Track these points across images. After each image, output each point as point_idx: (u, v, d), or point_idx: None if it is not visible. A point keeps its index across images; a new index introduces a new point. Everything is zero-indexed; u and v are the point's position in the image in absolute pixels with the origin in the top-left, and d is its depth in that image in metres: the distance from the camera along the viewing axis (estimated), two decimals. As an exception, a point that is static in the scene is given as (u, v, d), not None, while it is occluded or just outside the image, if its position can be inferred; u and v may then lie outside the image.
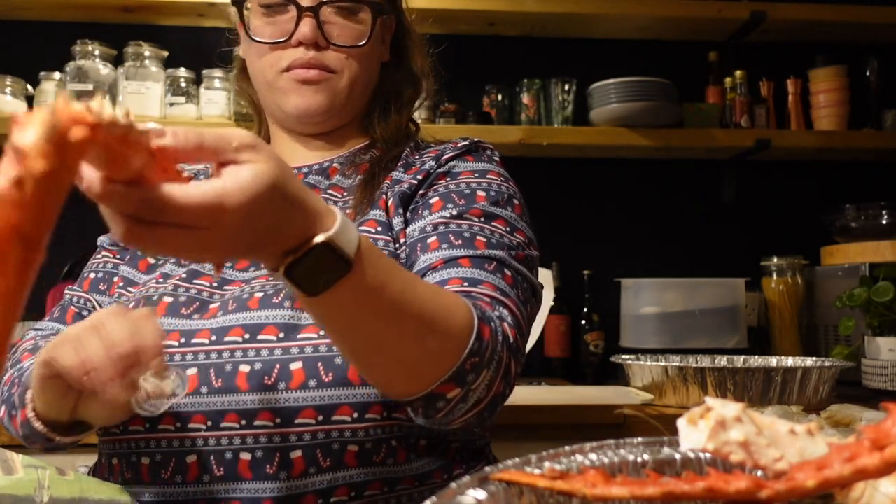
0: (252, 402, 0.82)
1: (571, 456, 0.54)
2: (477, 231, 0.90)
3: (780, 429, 0.42)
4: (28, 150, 0.39)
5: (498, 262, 0.88)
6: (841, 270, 2.13)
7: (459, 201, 0.93)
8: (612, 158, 2.46)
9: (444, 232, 0.90)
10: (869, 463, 0.36)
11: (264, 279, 0.90)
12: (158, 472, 0.83)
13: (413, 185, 0.97)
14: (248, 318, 0.85)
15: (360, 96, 1.04)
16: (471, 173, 0.98)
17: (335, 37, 0.98)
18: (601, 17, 2.32)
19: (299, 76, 0.98)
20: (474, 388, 0.76)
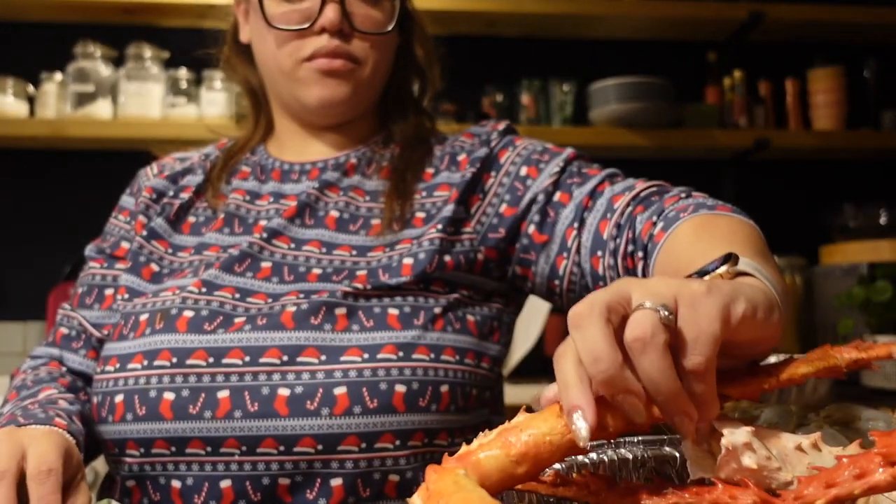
0: (292, 428, 0.77)
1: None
2: (582, 166, 0.95)
3: (787, 445, 0.41)
4: None
5: (618, 175, 0.95)
6: (839, 270, 2.13)
7: (543, 157, 0.96)
8: (611, 158, 2.44)
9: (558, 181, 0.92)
10: (881, 480, 0.36)
11: (294, 295, 0.85)
12: (191, 497, 0.79)
13: (474, 173, 0.94)
14: (284, 338, 0.80)
15: (380, 85, 0.99)
16: (525, 147, 0.99)
17: (360, 23, 0.92)
18: (600, 17, 2.32)
19: (323, 66, 0.91)
20: None
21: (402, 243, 0.89)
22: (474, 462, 0.42)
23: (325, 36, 0.91)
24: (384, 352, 0.80)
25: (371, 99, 0.99)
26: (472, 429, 0.86)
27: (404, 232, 0.91)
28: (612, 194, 0.88)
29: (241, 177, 1.01)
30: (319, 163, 0.99)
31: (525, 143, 0.99)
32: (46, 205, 2.32)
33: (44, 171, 2.33)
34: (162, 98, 2.18)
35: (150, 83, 2.16)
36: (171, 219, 0.97)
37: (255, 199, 0.97)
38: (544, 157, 0.95)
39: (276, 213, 0.95)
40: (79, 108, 2.15)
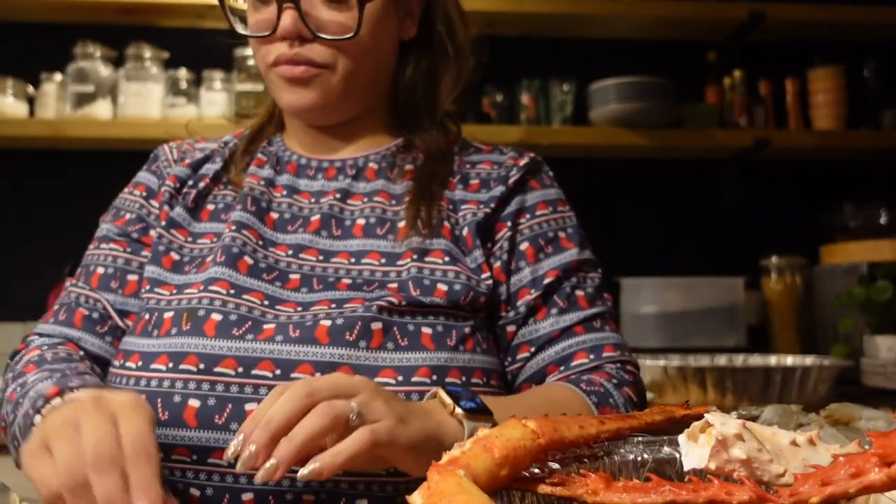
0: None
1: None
2: (576, 285, 0.96)
3: (781, 441, 0.42)
4: None
5: (600, 316, 0.96)
6: (840, 269, 2.13)
7: (547, 249, 0.96)
8: (611, 158, 2.46)
9: (549, 294, 0.94)
10: (876, 479, 0.36)
11: (325, 304, 0.84)
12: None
13: (487, 213, 0.94)
14: (318, 353, 0.79)
15: (367, 88, 0.95)
16: (544, 206, 0.99)
17: (322, 27, 0.88)
18: (600, 17, 2.32)
19: (285, 73, 0.90)
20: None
21: (432, 255, 0.89)
22: (465, 466, 0.43)
23: (287, 42, 0.89)
24: (418, 375, 0.80)
25: (361, 99, 0.96)
26: None
27: (434, 242, 0.90)
28: (577, 350, 0.93)
29: (258, 164, 0.99)
30: (337, 161, 0.97)
31: (544, 201, 1.00)
32: (46, 205, 2.32)
33: (43, 171, 2.33)
34: (161, 98, 2.18)
35: (149, 83, 2.16)
36: (189, 207, 0.95)
37: (269, 186, 0.96)
38: (548, 248, 0.96)
39: (287, 207, 0.94)
40: (78, 108, 2.15)
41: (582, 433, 0.53)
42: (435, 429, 0.68)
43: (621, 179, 2.49)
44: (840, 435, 0.99)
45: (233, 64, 2.24)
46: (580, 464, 0.54)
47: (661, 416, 0.63)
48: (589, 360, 0.91)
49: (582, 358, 0.91)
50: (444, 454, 0.46)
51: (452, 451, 0.46)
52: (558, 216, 1.00)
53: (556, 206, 1.00)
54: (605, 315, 0.97)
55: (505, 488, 0.49)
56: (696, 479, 0.43)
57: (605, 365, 0.92)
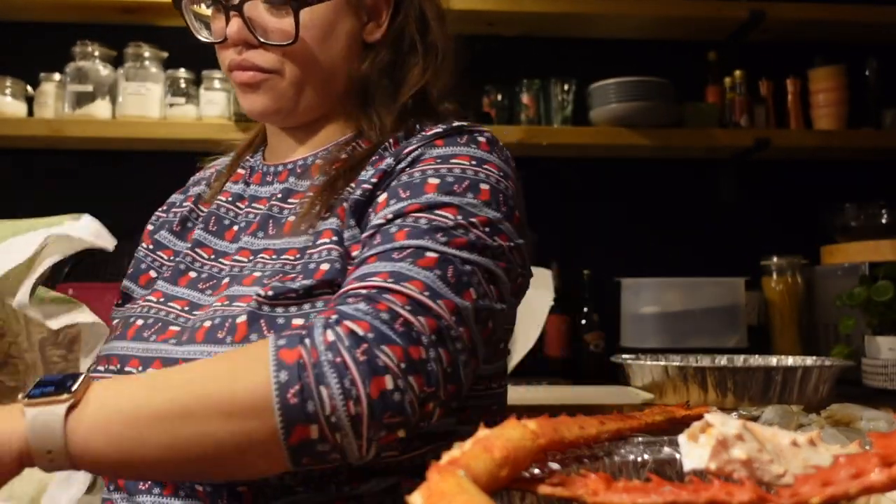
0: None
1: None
2: (404, 224, 0.79)
3: (781, 441, 0.42)
4: None
5: (415, 249, 0.76)
6: (841, 269, 2.13)
7: (404, 194, 0.82)
8: (611, 158, 2.46)
9: (372, 235, 0.81)
10: (876, 480, 0.36)
11: (222, 301, 0.84)
12: (136, 483, 0.82)
13: (368, 189, 0.86)
14: (194, 352, 0.80)
15: (322, 90, 0.94)
16: (433, 160, 0.85)
17: (268, 33, 0.89)
18: (600, 16, 2.32)
19: (237, 78, 0.92)
20: (330, 412, 0.66)
21: (322, 237, 0.85)
22: (465, 466, 0.43)
23: (236, 49, 0.91)
24: None
25: (318, 104, 0.95)
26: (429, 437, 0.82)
27: (326, 222, 0.86)
28: (353, 277, 0.77)
29: (235, 179, 1.02)
30: (289, 163, 0.98)
31: (436, 155, 0.86)
32: (45, 205, 2.31)
33: (43, 171, 2.33)
34: (161, 98, 2.18)
35: (149, 83, 2.16)
36: (174, 229, 1.00)
37: (236, 202, 0.98)
38: (405, 193, 0.83)
39: (244, 217, 0.96)
40: (78, 108, 2.15)
41: (582, 434, 0.53)
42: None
43: (621, 179, 2.49)
44: (841, 435, 0.99)
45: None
46: (580, 464, 0.54)
47: (662, 416, 0.63)
48: (350, 287, 0.75)
49: (351, 286, 0.75)
50: (444, 454, 0.45)
51: (452, 451, 0.45)
52: (445, 166, 0.84)
53: (449, 160, 0.85)
54: (427, 251, 0.76)
55: (505, 489, 0.49)
56: (697, 479, 0.43)
57: (358, 291, 0.73)
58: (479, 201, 0.81)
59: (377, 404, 0.67)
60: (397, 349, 0.68)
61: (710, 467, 0.43)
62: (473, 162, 0.85)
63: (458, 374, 0.73)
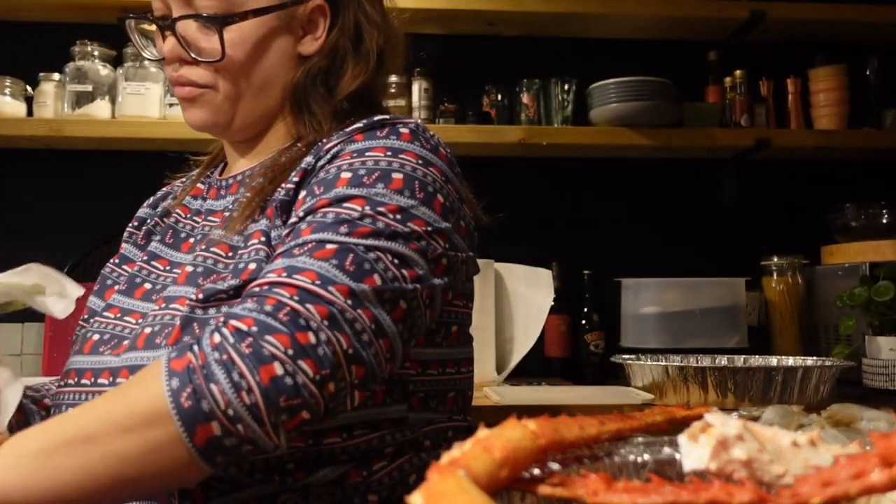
0: None
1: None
2: (312, 221, 0.80)
3: (782, 441, 0.42)
4: None
5: (316, 243, 0.77)
6: (841, 270, 2.13)
7: (318, 191, 0.83)
8: (612, 158, 2.46)
9: (287, 235, 0.82)
10: (877, 480, 0.36)
11: (159, 304, 0.88)
12: None
13: (290, 189, 0.88)
14: (135, 358, 0.83)
15: (256, 103, 0.96)
16: (349, 154, 0.86)
17: (199, 52, 0.93)
18: (601, 16, 2.32)
19: (177, 93, 0.96)
20: (225, 406, 0.67)
21: (252, 237, 0.87)
22: (465, 467, 0.42)
23: (173, 65, 0.95)
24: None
25: (250, 118, 0.97)
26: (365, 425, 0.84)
27: (255, 224, 0.89)
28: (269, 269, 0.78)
29: (195, 193, 1.06)
30: (238, 175, 1.01)
31: (353, 150, 0.87)
32: (45, 205, 2.32)
33: (42, 171, 2.33)
34: (161, 98, 2.18)
35: (148, 83, 2.16)
36: (139, 243, 1.05)
37: (194, 216, 1.02)
38: (319, 190, 0.84)
39: (200, 230, 0.99)
40: (77, 108, 2.15)
41: (582, 434, 0.53)
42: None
43: (621, 179, 2.49)
44: (841, 436, 0.98)
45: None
46: (580, 464, 0.54)
47: (662, 416, 0.63)
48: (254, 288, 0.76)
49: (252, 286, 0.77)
50: (444, 454, 0.45)
51: (452, 451, 0.45)
52: (358, 160, 0.85)
53: (364, 153, 0.85)
54: (327, 243, 0.76)
55: (505, 489, 0.49)
56: (697, 479, 0.43)
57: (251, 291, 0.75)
58: (389, 190, 0.81)
59: (270, 390, 0.68)
60: (283, 337, 0.69)
61: (711, 467, 0.42)
62: (389, 153, 0.85)
63: (360, 355, 0.73)
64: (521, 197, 2.44)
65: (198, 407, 0.67)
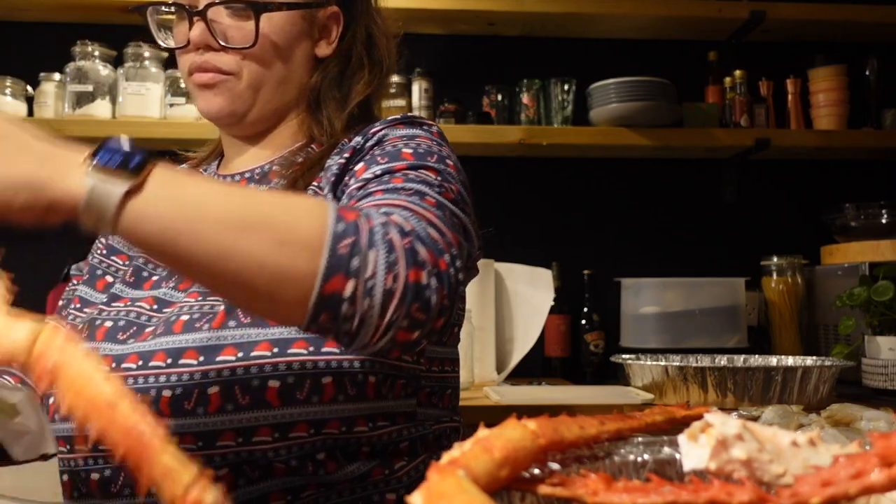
0: (174, 427, 0.81)
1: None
2: (398, 175, 0.84)
3: (782, 441, 0.42)
4: None
5: (416, 192, 0.81)
6: (841, 270, 2.13)
7: (383, 160, 0.87)
8: (612, 158, 2.46)
9: (363, 186, 0.85)
10: (876, 480, 0.36)
11: (194, 297, 0.90)
12: (108, 487, 0.85)
13: (341, 164, 0.93)
14: (171, 342, 0.85)
15: (274, 95, 0.99)
16: (398, 138, 0.92)
17: (228, 38, 0.95)
18: (601, 16, 2.32)
19: (196, 80, 0.96)
20: (370, 276, 0.67)
21: None
22: (465, 466, 0.43)
23: (198, 52, 0.96)
24: (258, 349, 0.82)
25: (271, 107, 0.99)
26: (385, 416, 0.87)
27: None
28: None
29: None
30: (247, 173, 1.02)
31: (401, 135, 0.93)
32: (46, 205, 2.32)
33: (43, 171, 2.32)
34: (161, 98, 2.18)
35: (149, 83, 2.16)
36: None
37: None
38: (382, 159, 0.88)
39: None
40: (78, 108, 2.15)
41: (582, 434, 0.53)
42: (39, 182, 0.64)
43: (621, 179, 2.49)
44: (841, 436, 0.99)
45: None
46: (580, 464, 0.54)
47: (662, 416, 0.63)
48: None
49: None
50: (444, 455, 0.46)
51: (452, 451, 0.46)
52: (412, 142, 0.91)
53: (414, 138, 0.92)
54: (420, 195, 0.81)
55: (505, 489, 0.49)
56: (697, 479, 0.43)
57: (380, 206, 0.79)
58: (452, 171, 0.88)
59: (411, 289, 0.69)
60: (430, 254, 0.71)
61: (710, 467, 0.43)
62: (434, 143, 0.92)
63: (450, 308, 0.74)
64: (521, 197, 2.44)
65: (349, 260, 0.66)
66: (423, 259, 0.70)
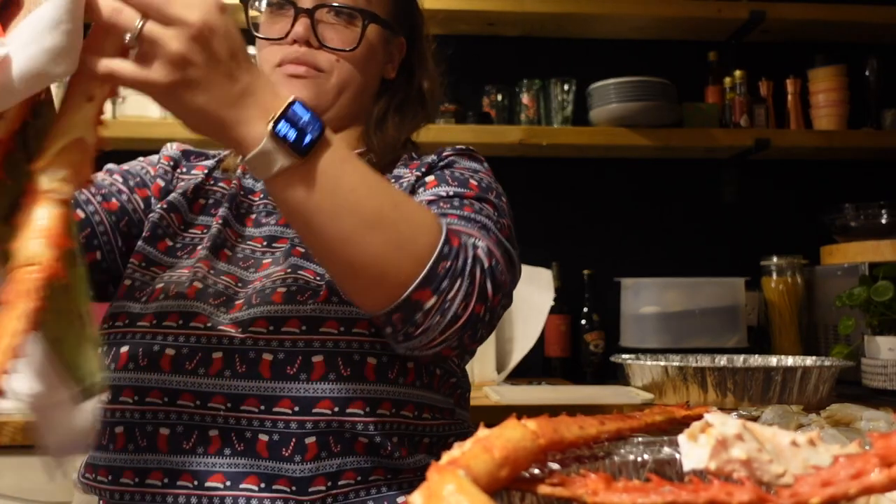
0: (273, 390, 0.87)
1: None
2: (466, 203, 0.95)
3: (781, 441, 0.42)
4: None
5: (482, 226, 0.92)
6: (840, 270, 2.13)
7: (453, 183, 0.98)
8: (612, 158, 2.46)
9: (435, 201, 0.95)
10: (876, 480, 0.36)
11: (283, 272, 0.94)
12: (179, 443, 0.88)
13: (418, 176, 1.02)
14: (272, 310, 0.90)
15: (352, 101, 1.05)
16: (465, 169, 1.03)
17: (327, 39, 1.01)
18: (601, 17, 2.32)
19: (289, 71, 1.01)
20: (450, 298, 0.80)
21: None
22: (465, 466, 0.43)
23: (296, 45, 1.01)
24: (359, 327, 0.89)
25: (344, 111, 1.05)
26: (439, 410, 0.96)
27: None
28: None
29: (243, 169, 1.10)
30: None
31: (467, 167, 1.04)
32: (46, 205, 2.31)
33: (43, 171, 2.32)
34: (161, 98, 2.18)
35: (149, 83, 2.16)
36: (187, 195, 1.06)
37: (248, 194, 1.08)
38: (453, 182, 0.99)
39: (262, 208, 1.06)
40: (78, 108, 2.15)
41: (582, 434, 0.53)
42: (228, 122, 0.70)
43: (621, 179, 2.49)
44: (841, 436, 0.99)
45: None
46: (580, 464, 0.54)
47: (662, 416, 0.63)
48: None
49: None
50: (444, 454, 0.46)
51: (452, 451, 0.46)
52: (477, 175, 1.02)
53: (477, 172, 1.03)
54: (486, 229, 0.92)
55: (505, 489, 0.49)
56: (697, 479, 0.43)
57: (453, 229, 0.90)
58: (505, 208, 0.99)
59: (472, 319, 0.82)
60: (494, 294, 0.84)
61: (710, 467, 0.43)
62: (492, 180, 1.03)
63: (488, 336, 0.90)
64: (521, 197, 2.44)
65: (441, 279, 0.79)
66: (488, 297, 0.83)
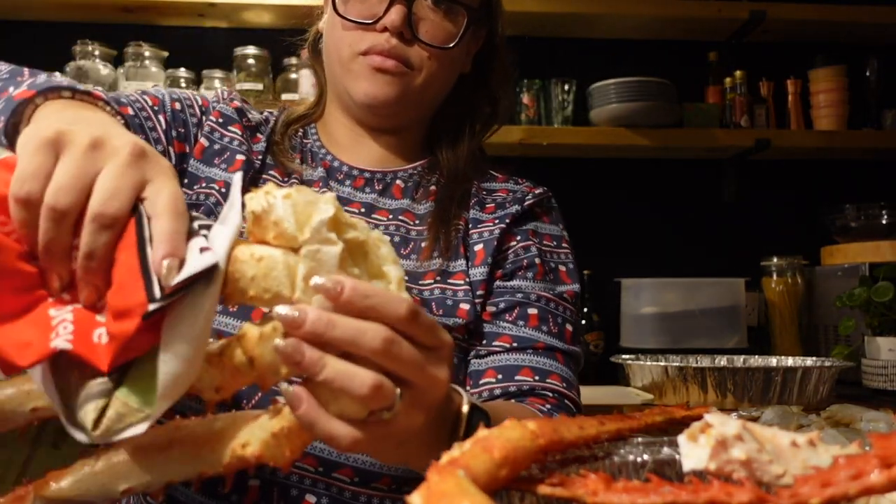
0: (336, 455, 0.80)
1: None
2: (556, 312, 0.95)
3: (781, 441, 0.42)
4: None
5: (562, 351, 0.93)
6: (841, 270, 2.13)
7: (549, 275, 0.98)
8: (611, 158, 2.46)
9: (537, 305, 0.94)
10: (876, 481, 0.36)
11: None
12: (215, 486, 0.79)
13: (502, 228, 0.96)
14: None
15: (433, 101, 0.98)
16: (550, 238, 1.02)
17: (423, 32, 0.92)
18: (601, 17, 2.32)
19: (375, 63, 0.91)
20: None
21: (454, 277, 0.92)
22: (464, 466, 0.43)
23: (386, 34, 0.91)
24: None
25: (421, 111, 0.99)
26: None
27: (456, 264, 0.93)
28: (525, 366, 0.91)
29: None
30: (366, 172, 0.99)
31: (551, 234, 1.03)
32: (45, 204, 2.32)
33: (43, 170, 2.33)
34: (161, 97, 2.18)
35: (149, 82, 2.16)
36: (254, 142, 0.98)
37: (305, 181, 0.97)
38: (549, 275, 0.98)
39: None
40: (78, 107, 2.15)
41: (581, 434, 0.53)
42: (443, 421, 0.63)
43: (621, 179, 2.49)
44: (841, 436, 0.99)
45: (232, 63, 2.24)
46: (580, 465, 0.54)
47: (661, 417, 0.63)
48: (532, 380, 0.90)
49: (526, 375, 0.90)
50: (444, 454, 0.46)
51: (452, 451, 0.46)
52: (561, 251, 1.03)
53: (560, 243, 1.04)
54: (568, 354, 0.94)
55: (505, 489, 0.49)
56: (696, 479, 0.43)
57: (546, 391, 0.89)
58: (571, 300, 0.99)
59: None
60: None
61: (710, 468, 0.43)
62: (567, 246, 1.05)
63: None
64: (521, 197, 2.44)
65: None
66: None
